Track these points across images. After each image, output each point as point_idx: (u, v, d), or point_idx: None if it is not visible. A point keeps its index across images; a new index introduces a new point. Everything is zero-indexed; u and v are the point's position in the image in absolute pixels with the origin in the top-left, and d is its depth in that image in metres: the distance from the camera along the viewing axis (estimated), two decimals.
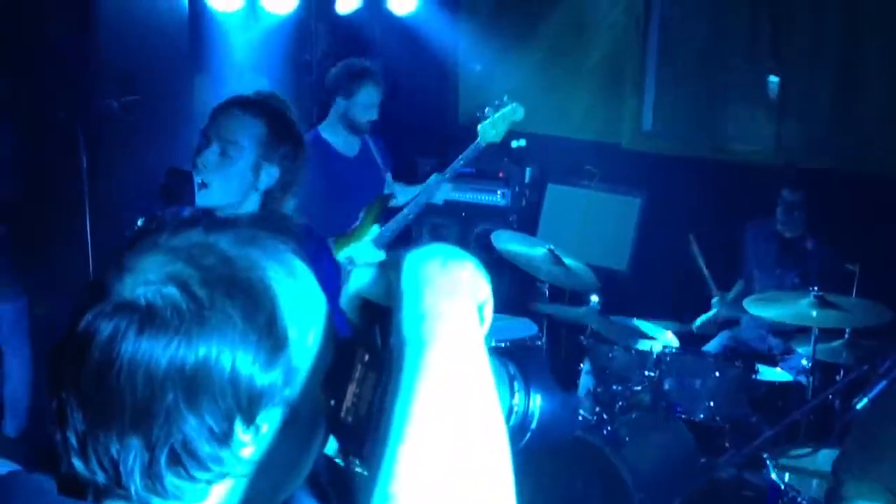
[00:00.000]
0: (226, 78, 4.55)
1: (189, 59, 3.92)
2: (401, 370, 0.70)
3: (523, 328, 4.16)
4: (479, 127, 3.62)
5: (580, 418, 3.68)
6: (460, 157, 3.67)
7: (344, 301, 0.84)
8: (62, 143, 3.26)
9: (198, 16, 4.09)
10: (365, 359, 0.81)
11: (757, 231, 4.27)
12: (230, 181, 2.08)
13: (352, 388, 0.81)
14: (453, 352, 0.71)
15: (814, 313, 3.31)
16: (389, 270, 0.79)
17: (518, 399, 0.81)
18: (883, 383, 1.70)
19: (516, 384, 0.81)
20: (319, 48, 4.70)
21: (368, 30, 4.96)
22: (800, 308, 3.35)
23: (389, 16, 4.75)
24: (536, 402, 0.81)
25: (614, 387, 3.62)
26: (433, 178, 3.74)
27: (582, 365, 3.84)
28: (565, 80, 5.37)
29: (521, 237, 4.31)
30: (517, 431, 0.81)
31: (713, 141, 5.07)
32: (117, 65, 3.49)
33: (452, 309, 0.74)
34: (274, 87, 4.93)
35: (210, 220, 0.82)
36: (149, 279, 0.76)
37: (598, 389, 3.67)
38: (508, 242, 4.16)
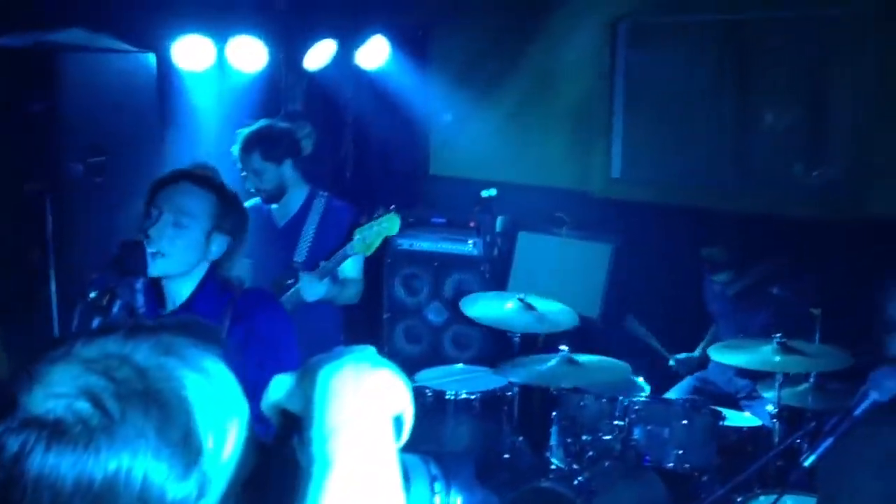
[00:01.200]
0: (197, 136, 4.60)
1: (158, 118, 3.95)
2: (307, 489, 0.72)
3: (494, 381, 4.19)
4: (356, 232, 3.39)
5: (553, 467, 3.70)
6: (331, 258, 3.42)
7: (264, 407, 0.86)
8: (30, 211, 3.28)
9: (166, 75, 4.14)
10: (283, 467, 0.83)
11: (709, 283, 4.31)
12: (185, 251, 2.14)
13: (273, 495, 0.83)
14: (355, 472, 0.73)
15: (777, 359, 3.35)
16: (305, 383, 0.81)
17: (439, 500, 0.84)
18: (830, 440, 1.73)
19: (437, 485, 0.84)
20: (291, 104, 4.76)
21: (340, 85, 5.03)
22: (763, 354, 3.39)
23: (359, 70, 4.82)
24: (457, 502, 0.84)
25: (584, 436, 3.64)
26: (303, 276, 3.41)
27: (553, 414, 3.85)
28: (535, 130, 5.46)
29: (492, 295, 4.37)
30: None
31: (680, 186, 5.14)
32: (85, 128, 3.52)
33: (360, 424, 0.76)
34: None
35: (128, 328, 0.84)
36: (59, 392, 0.76)
37: (569, 439, 3.69)
38: (478, 305, 4.21)
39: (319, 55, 4.51)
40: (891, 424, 1.81)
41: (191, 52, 4.24)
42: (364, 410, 0.77)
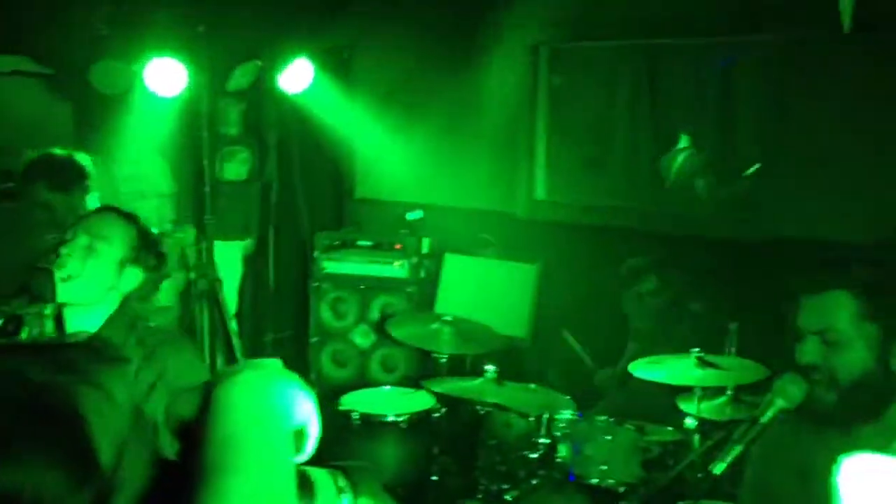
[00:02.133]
0: (118, 160, 4.52)
1: (75, 143, 3.86)
2: (196, 496, 0.72)
3: (421, 401, 4.19)
4: None
5: (481, 487, 3.71)
6: None
7: (168, 422, 0.85)
8: None
9: (83, 99, 4.06)
10: (183, 480, 0.82)
11: (633, 296, 4.43)
12: (94, 275, 2.11)
13: None
14: (247, 479, 0.72)
15: (696, 373, 3.44)
16: (204, 396, 0.81)
17: None
18: (738, 449, 1.79)
19: (344, 498, 0.85)
20: (216, 127, 4.72)
21: (263, 108, 5.01)
22: (682, 369, 3.48)
23: (282, 93, 4.81)
24: None
25: (511, 455, 3.67)
26: None
27: (480, 435, 3.87)
28: (460, 153, 5.52)
29: (418, 316, 4.39)
30: None
31: (601, 207, 5.26)
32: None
33: (253, 434, 0.76)
34: (171, 167, 4.93)
35: (28, 346, 0.83)
36: None
37: (496, 459, 3.71)
38: (403, 326, 4.23)
39: (242, 78, 4.48)
40: (795, 430, 1.88)
41: (108, 75, 4.17)
42: (258, 421, 0.77)
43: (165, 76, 4.17)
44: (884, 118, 4.12)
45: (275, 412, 0.79)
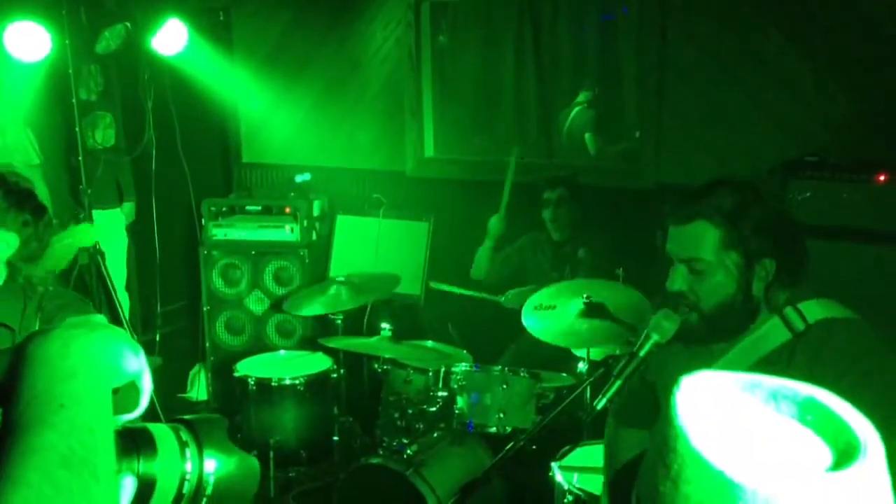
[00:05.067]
0: None
1: None
2: (6, 453, 0.68)
3: (318, 363, 4.18)
4: None
5: (383, 444, 3.74)
6: None
7: None
8: None
9: None
10: None
11: (530, 241, 4.53)
12: None
13: None
14: (60, 434, 0.69)
15: (582, 325, 3.53)
16: (15, 354, 0.76)
17: (191, 466, 0.83)
18: (618, 383, 1.86)
19: (188, 451, 0.83)
20: (85, 90, 4.50)
21: (135, 71, 4.80)
22: (570, 321, 3.56)
23: (156, 56, 4.62)
24: (210, 466, 0.83)
25: (410, 410, 3.71)
26: None
27: (380, 393, 3.90)
28: (346, 114, 5.46)
29: (314, 289, 4.33)
30: (192, 498, 0.83)
31: (490, 162, 5.31)
32: None
33: (65, 391, 0.72)
34: (42, 133, 4.69)
35: None
36: None
37: (396, 415, 3.75)
38: (304, 305, 4.17)
39: (110, 41, 4.28)
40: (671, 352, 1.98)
41: None
42: (75, 375, 0.74)
43: (27, 40, 3.94)
44: (763, 70, 4.29)
45: (90, 366, 0.76)
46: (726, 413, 0.70)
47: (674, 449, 0.66)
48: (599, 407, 1.85)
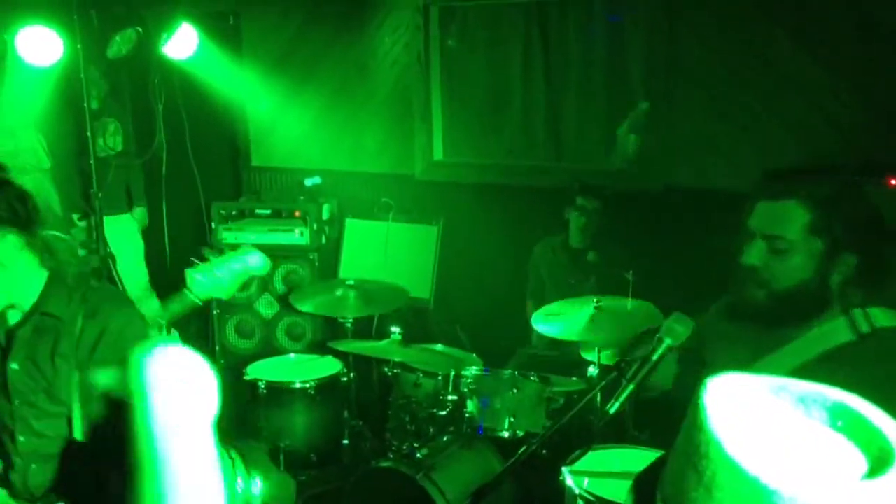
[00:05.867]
0: None
1: None
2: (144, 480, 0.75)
3: (328, 366, 4.18)
4: (187, 273, 2.73)
5: (393, 447, 3.73)
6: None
7: (97, 388, 0.86)
8: None
9: None
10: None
11: (542, 249, 4.52)
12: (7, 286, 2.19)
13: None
14: (188, 470, 0.77)
15: (591, 326, 3.53)
16: (129, 371, 0.82)
17: (241, 481, 0.87)
18: (631, 388, 1.86)
19: (237, 471, 0.87)
20: (97, 95, 4.52)
21: (146, 76, 4.82)
22: (583, 318, 3.57)
23: (167, 60, 4.63)
24: (256, 483, 0.88)
25: (421, 414, 3.70)
26: None
27: (390, 397, 3.90)
28: (355, 118, 5.46)
29: (321, 285, 4.36)
30: None
31: (498, 166, 5.31)
32: None
33: (190, 424, 0.80)
34: (52, 138, 4.71)
35: None
36: None
37: (406, 418, 3.75)
38: (308, 298, 4.19)
39: (122, 45, 4.30)
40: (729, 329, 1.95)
41: None
42: (190, 408, 0.80)
43: (39, 45, 3.96)
44: (770, 71, 4.28)
45: (201, 399, 0.82)
46: (755, 417, 0.69)
47: (706, 455, 0.66)
48: (612, 411, 1.84)
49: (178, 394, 0.80)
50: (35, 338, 2.25)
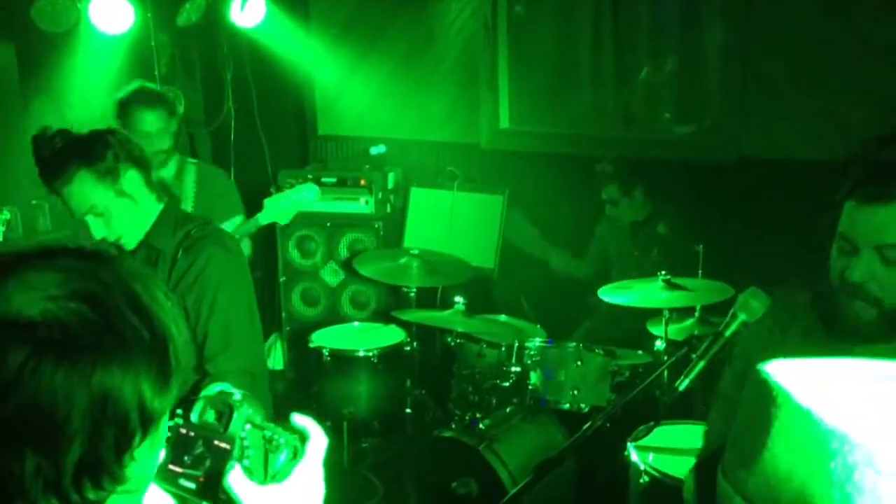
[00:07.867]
0: (68, 101, 4.38)
1: (19, 86, 3.72)
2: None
3: (392, 335, 4.20)
4: (265, 202, 3.30)
5: (455, 417, 3.73)
6: (238, 228, 3.38)
7: None
8: None
9: (26, 40, 3.90)
10: None
11: (606, 226, 4.45)
12: (123, 222, 2.45)
13: None
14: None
15: (663, 296, 3.46)
16: None
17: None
18: (702, 364, 1.80)
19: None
20: (158, 67, 4.57)
21: (215, 44, 4.86)
22: (650, 292, 3.50)
23: (235, 28, 4.66)
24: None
25: (484, 385, 3.69)
26: None
27: (453, 367, 3.89)
28: (421, 86, 5.42)
29: (386, 252, 4.38)
30: None
31: (565, 136, 5.22)
32: None
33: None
34: None
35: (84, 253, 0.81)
36: (52, 294, 0.73)
37: (469, 389, 3.74)
38: (371, 263, 4.22)
39: (192, 13, 4.33)
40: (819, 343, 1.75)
41: (52, 12, 4.00)
42: None
43: (111, 12, 4.01)
44: (855, 37, 4.07)
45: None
46: (823, 377, 0.65)
47: (776, 407, 0.62)
48: (682, 388, 1.78)
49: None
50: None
